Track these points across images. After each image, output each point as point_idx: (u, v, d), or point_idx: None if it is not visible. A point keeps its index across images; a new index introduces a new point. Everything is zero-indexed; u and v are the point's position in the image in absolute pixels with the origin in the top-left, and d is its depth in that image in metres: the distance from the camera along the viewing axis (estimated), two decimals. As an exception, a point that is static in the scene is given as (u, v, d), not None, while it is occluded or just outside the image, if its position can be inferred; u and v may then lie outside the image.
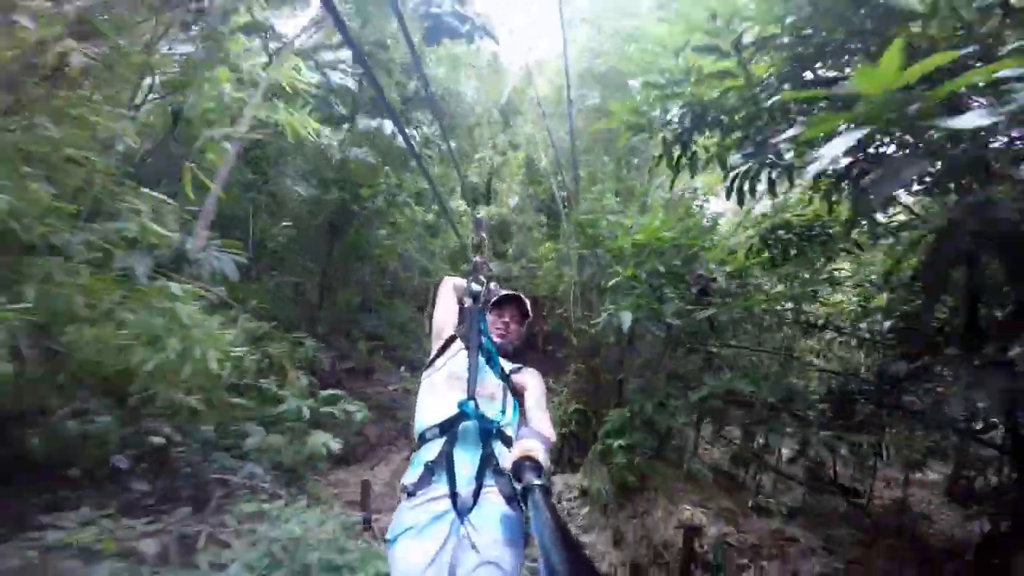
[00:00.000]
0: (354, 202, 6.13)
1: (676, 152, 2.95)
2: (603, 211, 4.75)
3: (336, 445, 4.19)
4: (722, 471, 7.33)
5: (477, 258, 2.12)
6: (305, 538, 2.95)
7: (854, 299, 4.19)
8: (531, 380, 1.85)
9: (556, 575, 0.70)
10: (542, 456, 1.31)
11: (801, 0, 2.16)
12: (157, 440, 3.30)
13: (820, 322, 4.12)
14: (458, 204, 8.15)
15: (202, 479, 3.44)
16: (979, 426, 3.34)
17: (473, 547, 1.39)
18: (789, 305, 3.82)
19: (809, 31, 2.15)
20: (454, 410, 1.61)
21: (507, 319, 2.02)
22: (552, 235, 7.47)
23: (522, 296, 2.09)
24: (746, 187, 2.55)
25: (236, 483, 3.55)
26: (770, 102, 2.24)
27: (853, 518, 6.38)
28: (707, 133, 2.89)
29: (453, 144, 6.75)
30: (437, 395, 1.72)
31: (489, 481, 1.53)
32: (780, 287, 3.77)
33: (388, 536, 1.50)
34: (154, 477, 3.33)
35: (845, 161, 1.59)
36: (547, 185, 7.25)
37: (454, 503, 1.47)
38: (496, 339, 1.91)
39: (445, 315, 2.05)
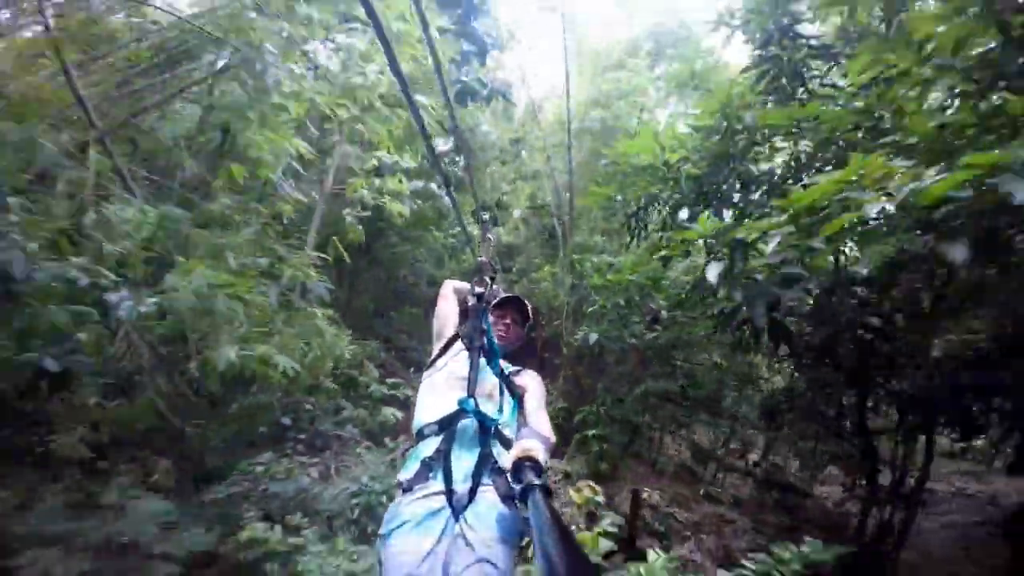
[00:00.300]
0: (388, 227, 7.40)
1: (632, 223, 4.23)
2: (592, 249, 6.02)
3: (400, 415, 5.66)
4: (686, 466, 8.55)
5: (482, 258, 2.12)
6: (386, 472, 4.47)
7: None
8: (531, 382, 1.88)
9: (555, 574, 0.70)
10: (542, 456, 1.32)
11: (702, 146, 3.46)
12: (307, 407, 5.00)
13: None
14: (472, 228, 9.24)
15: (326, 435, 5.10)
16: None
17: (468, 544, 1.39)
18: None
19: (704, 168, 3.43)
20: (454, 408, 1.63)
21: (508, 321, 2.04)
22: (551, 258, 8.71)
23: (523, 298, 2.10)
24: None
25: (345, 438, 5.21)
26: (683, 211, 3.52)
27: (788, 508, 7.62)
28: (654, 211, 4.17)
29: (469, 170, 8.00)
30: (437, 394, 1.74)
31: (486, 480, 1.53)
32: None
33: (382, 531, 1.49)
34: (303, 432, 4.96)
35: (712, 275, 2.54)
36: (548, 219, 8.51)
37: (449, 500, 1.48)
38: (497, 340, 1.91)
39: (446, 316, 2.07)
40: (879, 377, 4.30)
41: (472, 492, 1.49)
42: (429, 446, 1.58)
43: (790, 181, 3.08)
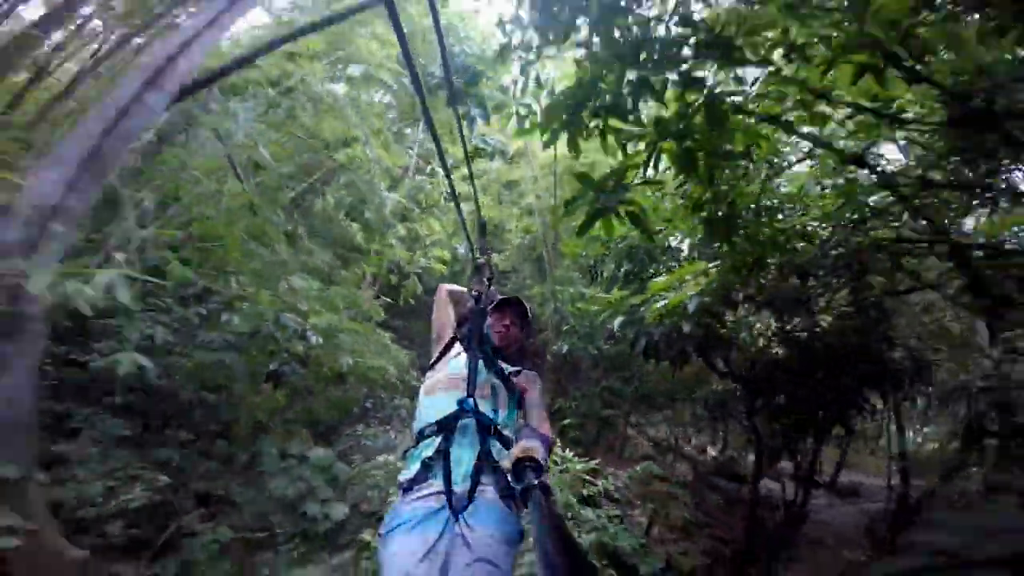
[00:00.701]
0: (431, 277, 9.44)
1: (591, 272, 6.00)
2: (569, 281, 7.75)
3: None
4: (648, 456, 10.26)
5: (480, 260, 2.12)
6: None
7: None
8: (530, 382, 1.89)
9: (555, 574, 0.71)
10: (542, 456, 1.35)
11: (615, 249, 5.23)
12: (380, 395, 6.91)
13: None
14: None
15: (390, 413, 7.04)
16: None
17: (467, 544, 1.39)
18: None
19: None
20: (453, 408, 1.65)
21: (507, 322, 2.02)
22: (541, 282, 10.41)
23: (522, 300, 2.10)
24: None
25: (402, 415, 7.02)
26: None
27: (727, 491, 9.36)
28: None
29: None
30: (436, 395, 1.76)
31: (485, 479, 1.55)
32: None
33: (382, 531, 1.50)
34: (378, 411, 6.88)
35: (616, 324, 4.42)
36: (541, 247, 10.22)
37: (449, 500, 1.48)
38: (496, 341, 1.92)
39: (444, 320, 2.08)
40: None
41: (471, 492, 1.50)
42: (429, 447, 1.60)
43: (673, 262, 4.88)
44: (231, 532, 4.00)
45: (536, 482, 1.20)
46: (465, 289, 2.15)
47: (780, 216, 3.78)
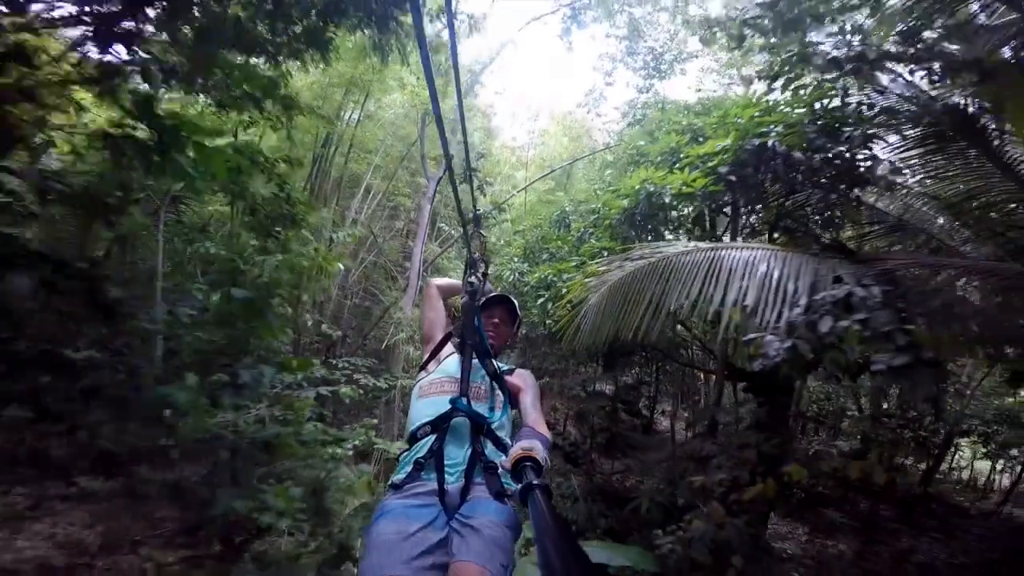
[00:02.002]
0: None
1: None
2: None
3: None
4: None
5: (475, 254, 2.08)
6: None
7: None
8: (525, 381, 1.88)
9: (555, 574, 0.70)
10: (542, 456, 1.31)
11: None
12: None
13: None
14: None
15: None
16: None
17: (466, 525, 1.38)
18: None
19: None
20: (446, 407, 1.62)
21: (496, 320, 2.02)
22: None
23: (511, 298, 2.09)
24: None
25: None
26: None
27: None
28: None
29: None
30: (430, 396, 1.74)
31: (478, 479, 1.52)
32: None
33: (368, 526, 1.45)
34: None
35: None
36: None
37: (441, 499, 1.46)
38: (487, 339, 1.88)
39: (434, 319, 2.05)
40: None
41: (464, 491, 1.48)
42: (422, 447, 1.58)
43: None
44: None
45: (536, 482, 1.18)
46: (457, 283, 2.16)
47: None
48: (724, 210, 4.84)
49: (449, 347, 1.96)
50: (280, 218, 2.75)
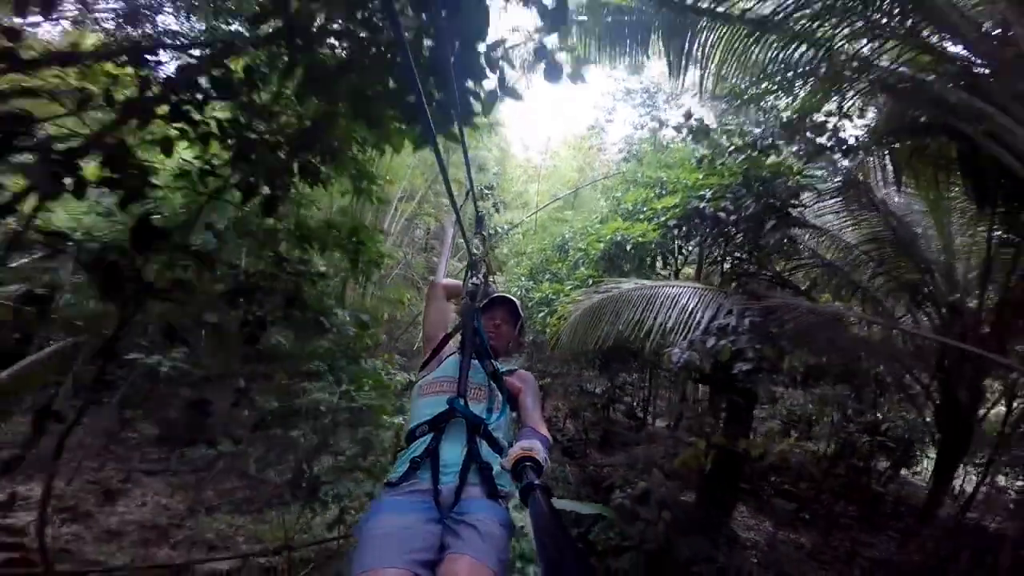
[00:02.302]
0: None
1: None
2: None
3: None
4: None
5: (476, 254, 2.11)
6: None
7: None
8: (525, 382, 1.90)
9: (555, 571, 0.71)
10: (542, 456, 1.32)
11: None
12: None
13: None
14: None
15: None
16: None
17: (455, 525, 1.37)
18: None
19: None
20: (444, 407, 1.63)
21: (498, 321, 2.03)
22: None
23: (513, 299, 2.10)
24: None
25: None
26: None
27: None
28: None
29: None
30: (429, 395, 1.75)
31: (473, 479, 1.52)
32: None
33: (361, 522, 1.44)
34: None
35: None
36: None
37: (436, 499, 1.47)
38: (488, 340, 1.90)
39: (437, 318, 2.09)
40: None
41: (458, 491, 1.48)
42: (419, 447, 1.59)
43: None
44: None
45: (536, 482, 1.17)
46: (460, 284, 2.18)
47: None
48: (671, 252, 6.23)
49: (450, 346, 1.97)
50: (371, 263, 3.98)
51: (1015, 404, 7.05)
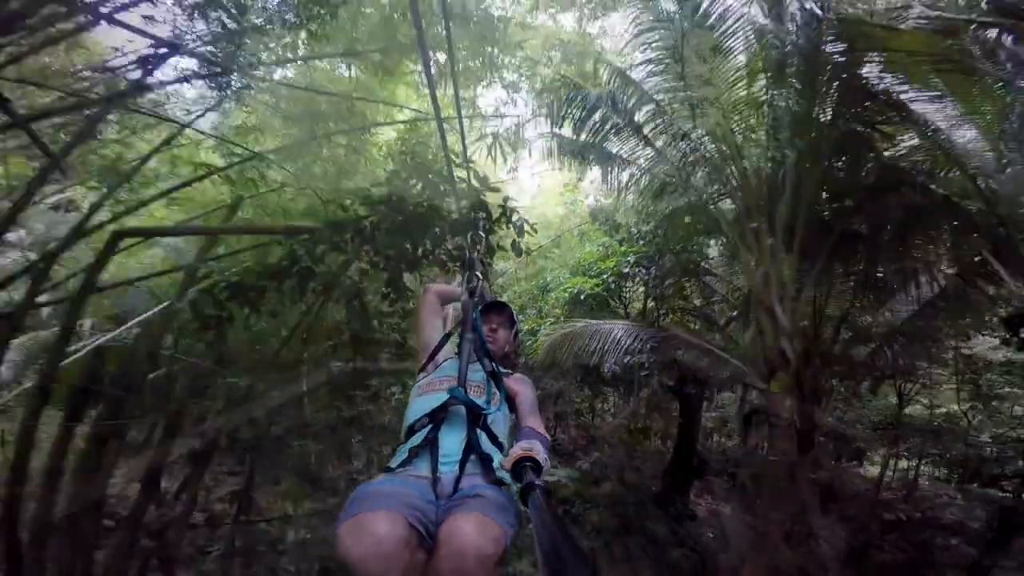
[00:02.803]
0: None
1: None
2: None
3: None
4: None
5: (474, 253, 2.17)
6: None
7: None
8: (523, 385, 1.93)
9: (555, 570, 0.72)
10: (542, 456, 1.33)
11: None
12: None
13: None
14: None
15: None
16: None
17: (457, 504, 1.36)
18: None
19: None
20: (445, 398, 1.66)
21: (495, 325, 2.05)
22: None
23: (509, 305, 2.14)
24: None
25: None
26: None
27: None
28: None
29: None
30: (427, 394, 1.78)
31: (472, 468, 1.54)
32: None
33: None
34: None
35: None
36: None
37: (434, 487, 1.47)
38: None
39: (432, 324, 2.12)
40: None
41: (457, 480, 1.49)
42: (418, 437, 1.61)
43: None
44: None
45: (537, 482, 1.17)
46: (455, 289, 2.26)
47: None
48: (615, 298, 9.04)
49: (447, 351, 2.01)
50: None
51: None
